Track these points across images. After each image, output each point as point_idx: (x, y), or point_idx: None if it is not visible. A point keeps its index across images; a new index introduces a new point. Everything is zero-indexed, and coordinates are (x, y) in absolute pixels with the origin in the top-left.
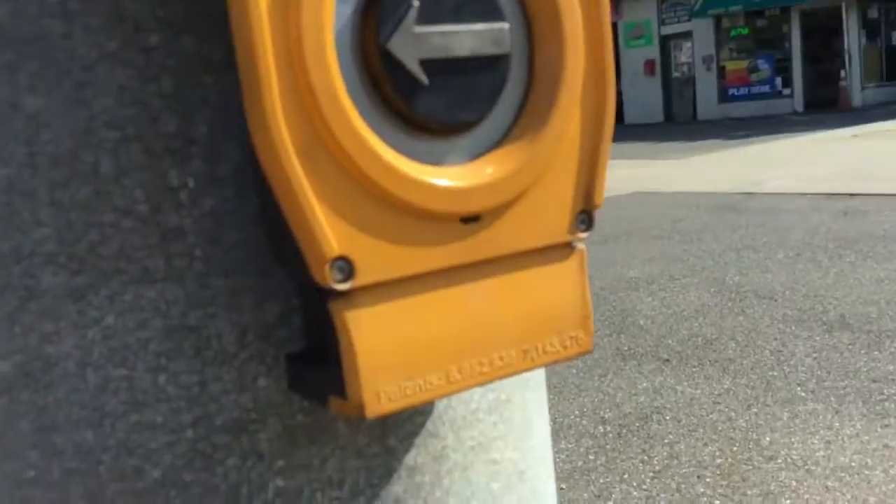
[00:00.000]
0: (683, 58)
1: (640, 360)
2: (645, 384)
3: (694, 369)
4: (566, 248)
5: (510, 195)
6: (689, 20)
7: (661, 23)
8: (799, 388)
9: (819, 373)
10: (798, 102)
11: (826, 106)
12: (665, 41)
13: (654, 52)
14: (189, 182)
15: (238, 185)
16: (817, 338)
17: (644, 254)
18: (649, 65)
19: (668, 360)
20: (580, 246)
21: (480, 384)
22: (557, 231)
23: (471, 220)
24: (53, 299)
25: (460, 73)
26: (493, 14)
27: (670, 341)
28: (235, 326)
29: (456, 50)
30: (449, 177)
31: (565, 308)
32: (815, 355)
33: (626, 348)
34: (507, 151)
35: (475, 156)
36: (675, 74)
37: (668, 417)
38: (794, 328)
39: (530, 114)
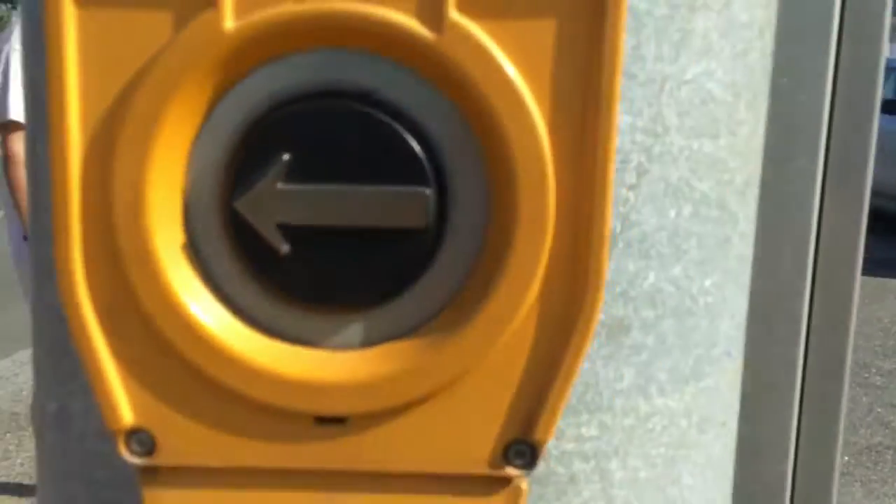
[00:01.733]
0: None
1: None
2: None
3: None
4: (494, 482)
5: (390, 401)
6: None
7: None
8: None
9: None
10: None
11: None
12: None
13: None
14: None
15: None
16: None
17: None
18: None
19: None
20: (520, 484)
21: None
22: (472, 460)
23: (329, 421)
24: None
25: (338, 245)
26: (408, 173)
27: None
28: None
29: (328, 218)
30: (302, 365)
31: None
32: None
33: None
34: (405, 345)
35: (370, 343)
36: None
37: None
38: None
39: (460, 303)
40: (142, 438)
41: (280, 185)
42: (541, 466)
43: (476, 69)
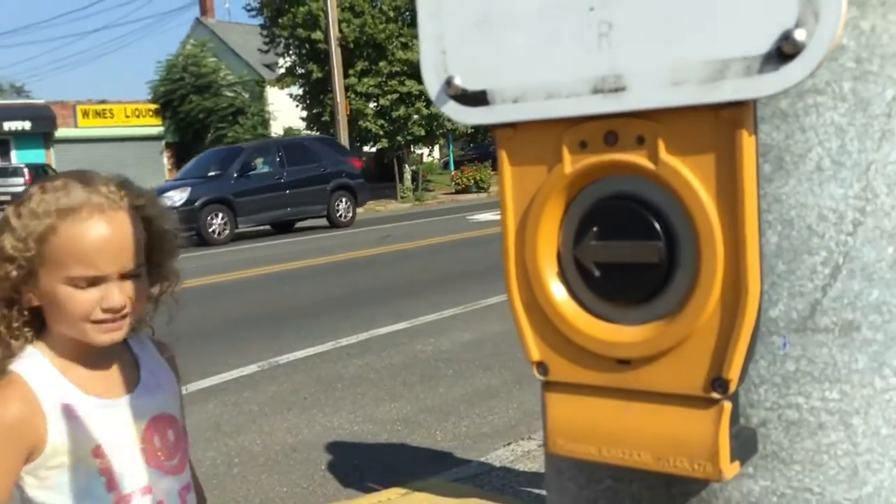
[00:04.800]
0: None
1: None
2: None
3: None
4: (707, 400)
5: (650, 352)
6: None
7: None
8: None
9: None
10: None
11: None
12: None
13: None
14: None
15: None
16: None
17: None
18: None
19: None
20: (724, 403)
21: (622, 464)
22: (692, 385)
23: (624, 362)
24: None
25: (622, 272)
26: (650, 234)
27: None
28: None
29: (616, 258)
30: (610, 334)
31: (696, 441)
32: None
33: None
34: (659, 324)
35: (643, 322)
36: None
37: None
38: None
39: (677, 304)
40: (543, 366)
41: (593, 242)
42: (794, 415)
43: (676, 180)
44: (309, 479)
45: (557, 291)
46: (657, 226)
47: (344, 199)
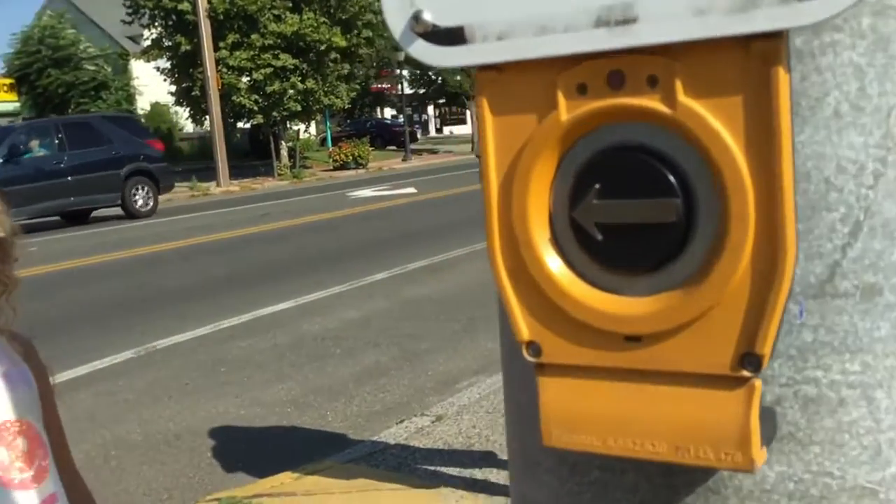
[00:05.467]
0: None
1: None
2: None
3: None
4: (735, 379)
5: (665, 327)
6: None
7: None
8: None
9: None
10: None
11: None
12: None
13: None
14: None
15: None
16: None
17: None
18: None
19: None
20: (755, 381)
21: (633, 457)
22: (717, 364)
23: (633, 339)
24: None
25: (629, 234)
26: (665, 189)
27: None
28: None
29: (623, 218)
30: (616, 306)
31: (723, 427)
32: None
33: None
34: (675, 294)
35: (656, 292)
36: None
37: None
38: None
39: (697, 270)
40: (535, 346)
41: (595, 201)
42: (812, 391)
43: (697, 127)
44: (195, 467)
45: (551, 259)
46: (673, 180)
47: (142, 187)
